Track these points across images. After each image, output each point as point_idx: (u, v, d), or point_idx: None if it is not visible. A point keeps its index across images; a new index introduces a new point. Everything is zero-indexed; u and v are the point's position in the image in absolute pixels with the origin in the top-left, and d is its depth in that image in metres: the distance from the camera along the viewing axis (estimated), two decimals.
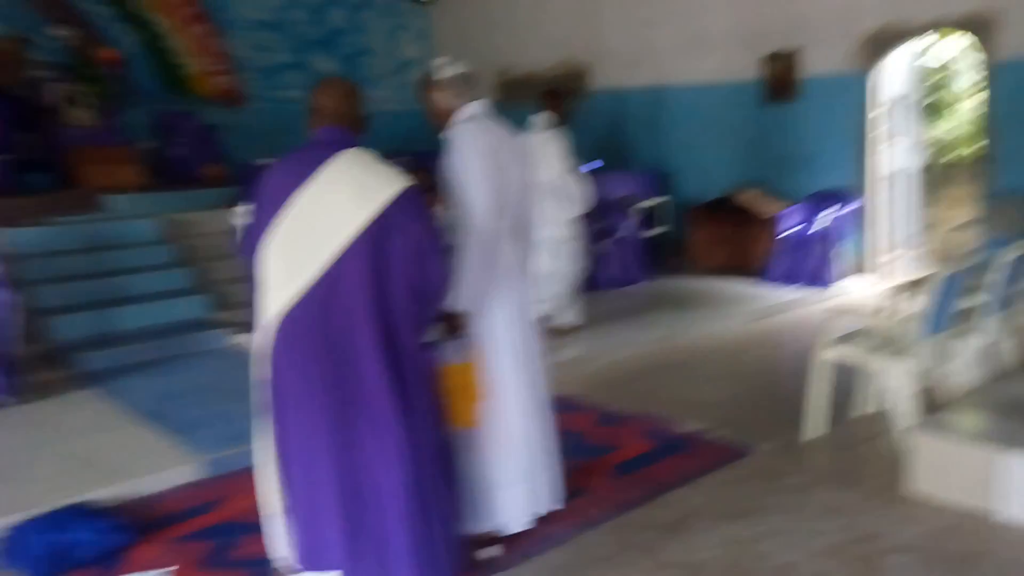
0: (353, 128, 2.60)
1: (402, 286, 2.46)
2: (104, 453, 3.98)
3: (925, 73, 8.43)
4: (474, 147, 2.91)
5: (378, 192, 2.43)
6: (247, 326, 5.94)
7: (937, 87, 8.38)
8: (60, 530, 3.09)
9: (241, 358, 4.76)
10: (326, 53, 10.97)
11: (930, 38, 8.29)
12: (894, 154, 7.98)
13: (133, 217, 7.04)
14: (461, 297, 2.79)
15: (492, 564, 3.00)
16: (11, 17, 8.51)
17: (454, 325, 2.81)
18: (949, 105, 8.88)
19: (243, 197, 6.32)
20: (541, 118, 5.82)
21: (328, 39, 10.99)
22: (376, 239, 2.40)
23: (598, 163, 5.92)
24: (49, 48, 8.78)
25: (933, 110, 8.47)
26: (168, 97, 9.68)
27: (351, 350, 2.42)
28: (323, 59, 10.94)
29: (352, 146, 2.53)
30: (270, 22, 10.46)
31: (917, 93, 8.20)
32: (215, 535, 3.28)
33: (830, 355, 4.09)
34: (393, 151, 10.41)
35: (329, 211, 2.42)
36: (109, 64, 8.95)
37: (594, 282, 7.78)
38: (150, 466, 3.76)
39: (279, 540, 2.58)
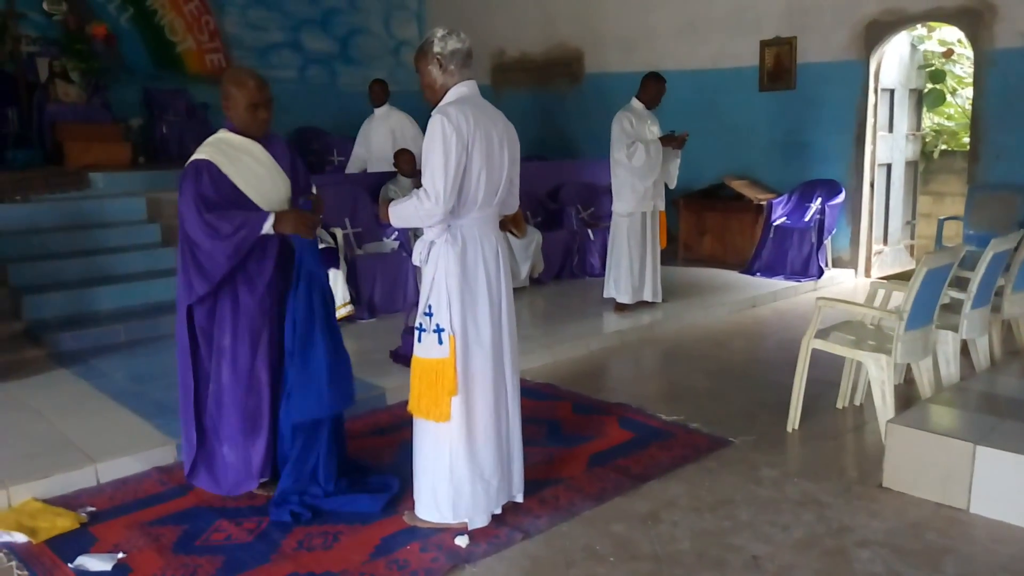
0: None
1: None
2: (77, 434, 3.94)
3: (925, 61, 8.34)
4: (442, 137, 2.82)
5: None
6: None
7: (937, 76, 8.26)
8: None
9: None
10: (320, 32, 10.86)
11: (929, 26, 8.23)
12: (888, 144, 7.92)
13: (118, 196, 6.97)
14: (393, 218, 3.00)
15: (463, 556, 2.97)
16: None
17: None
18: (952, 92, 8.77)
19: None
20: None
21: (322, 19, 10.86)
22: None
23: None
24: (40, 23, 8.68)
25: (934, 99, 8.36)
26: (159, 74, 9.58)
27: None
28: (317, 38, 10.82)
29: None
30: (264, 0, 10.33)
31: (914, 82, 8.13)
32: (185, 520, 3.25)
33: (815, 346, 4.06)
34: None
35: None
36: (100, 40, 8.86)
37: (579, 269, 7.76)
38: (123, 448, 3.73)
39: None
